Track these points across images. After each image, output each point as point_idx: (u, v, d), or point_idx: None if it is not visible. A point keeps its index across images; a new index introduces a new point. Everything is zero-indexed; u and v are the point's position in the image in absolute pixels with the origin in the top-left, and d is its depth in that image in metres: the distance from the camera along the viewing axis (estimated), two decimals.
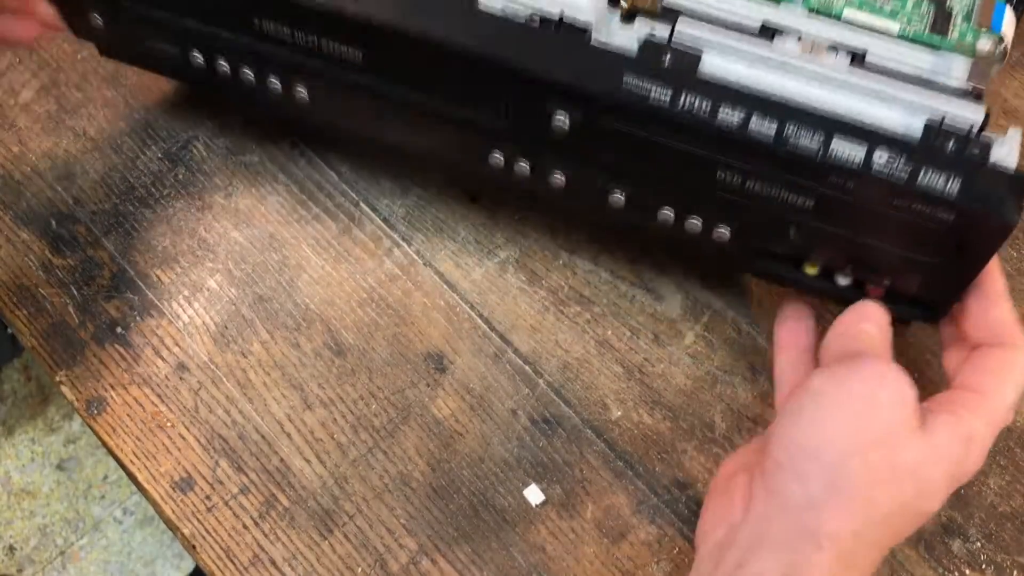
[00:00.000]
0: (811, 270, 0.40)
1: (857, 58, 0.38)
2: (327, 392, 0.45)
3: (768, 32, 0.39)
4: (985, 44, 0.38)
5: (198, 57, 0.43)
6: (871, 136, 0.35)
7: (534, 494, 0.43)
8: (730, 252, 0.41)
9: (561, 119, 0.37)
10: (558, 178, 0.41)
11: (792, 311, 0.42)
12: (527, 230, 0.49)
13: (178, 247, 0.48)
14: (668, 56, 0.37)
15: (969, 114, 0.36)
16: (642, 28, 0.38)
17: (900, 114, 0.36)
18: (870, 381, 0.33)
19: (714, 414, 0.45)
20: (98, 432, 0.45)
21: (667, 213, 0.40)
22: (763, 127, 0.35)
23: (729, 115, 0.35)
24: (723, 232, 0.39)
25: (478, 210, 0.49)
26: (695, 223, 0.40)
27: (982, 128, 0.36)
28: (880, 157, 0.34)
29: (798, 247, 0.39)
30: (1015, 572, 0.42)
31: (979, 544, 0.42)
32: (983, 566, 0.42)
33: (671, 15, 0.39)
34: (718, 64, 0.37)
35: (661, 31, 0.38)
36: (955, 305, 0.39)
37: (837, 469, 0.32)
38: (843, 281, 0.40)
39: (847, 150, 0.35)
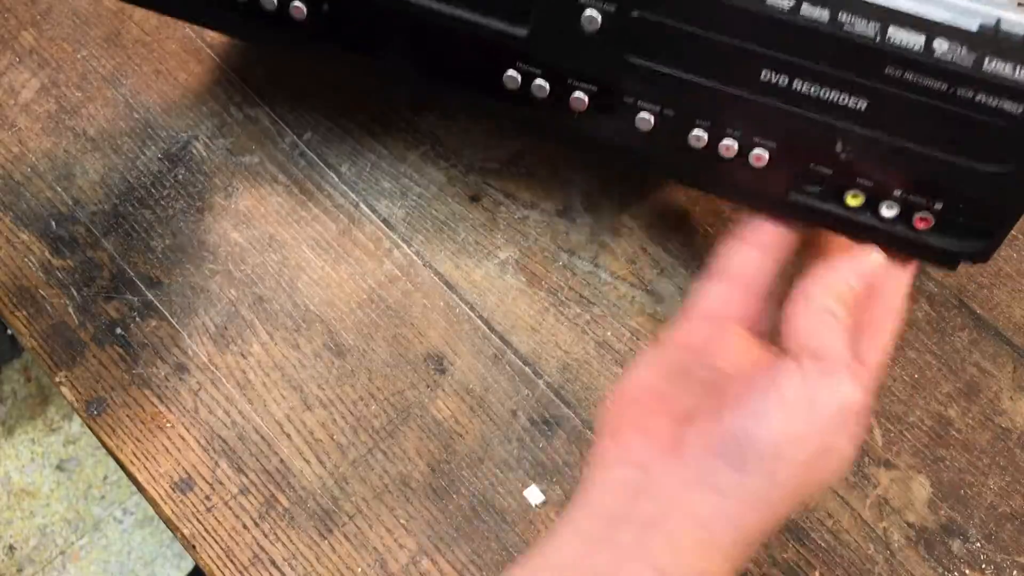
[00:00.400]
0: (854, 201, 0.37)
1: None
2: (327, 393, 0.45)
3: None
4: None
5: None
6: (929, 26, 0.32)
7: (534, 495, 0.43)
8: (765, 182, 0.37)
9: (592, 13, 0.34)
10: (579, 98, 0.37)
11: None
12: (527, 230, 0.49)
13: (178, 248, 0.48)
14: None
15: None
16: None
17: (953, 16, 0.33)
18: (842, 412, 0.33)
19: None
20: (98, 433, 0.45)
21: (699, 134, 0.36)
22: (816, 12, 0.32)
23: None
24: (762, 153, 0.36)
25: (478, 211, 0.49)
26: (730, 144, 0.36)
27: None
28: (941, 45, 0.32)
29: (845, 166, 0.36)
30: (1015, 572, 0.42)
31: (979, 544, 0.42)
32: (983, 566, 0.42)
33: None
34: None
35: None
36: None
37: (775, 477, 0.33)
38: (888, 212, 0.36)
39: (906, 37, 0.32)
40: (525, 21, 0.36)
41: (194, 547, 0.43)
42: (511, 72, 0.37)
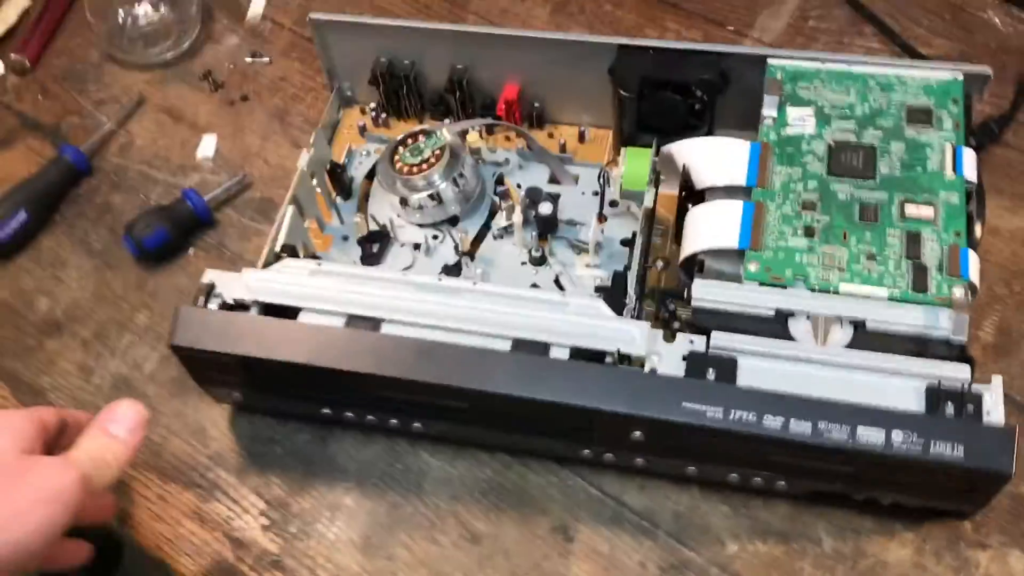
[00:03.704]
0: (859, 496, 0.48)
1: (859, 327, 0.46)
2: None
3: (782, 316, 0.46)
4: (959, 293, 0.45)
5: (326, 411, 0.52)
6: (887, 418, 0.43)
7: None
8: (788, 494, 0.49)
9: (638, 434, 0.46)
10: (639, 462, 0.49)
11: None
12: None
13: (310, 473, 0.53)
14: (711, 369, 0.45)
15: (959, 374, 0.44)
16: (683, 344, 0.46)
17: (904, 382, 0.44)
18: None
19: (819, 530, 0.49)
20: None
21: (734, 476, 0.48)
22: (800, 428, 0.43)
23: (772, 421, 0.43)
24: (781, 484, 0.48)
25: None
26: (759, 481, 0.48)
27: (972, 379, 0.44)
28: (897, 436, 0.42)
29: (845, 491, 0.47)
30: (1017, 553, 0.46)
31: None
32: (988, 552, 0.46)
33: (706, 315, 0.47)
34: (753, 365, 0.45)
35: (699, 343, 0.46)
36: None
37: None
38: (886, 502, 0.48)
39: (870, 435, 0.42)
40: (590, 431, 0.47)
41: None
42: (585, 451, 0.50)
